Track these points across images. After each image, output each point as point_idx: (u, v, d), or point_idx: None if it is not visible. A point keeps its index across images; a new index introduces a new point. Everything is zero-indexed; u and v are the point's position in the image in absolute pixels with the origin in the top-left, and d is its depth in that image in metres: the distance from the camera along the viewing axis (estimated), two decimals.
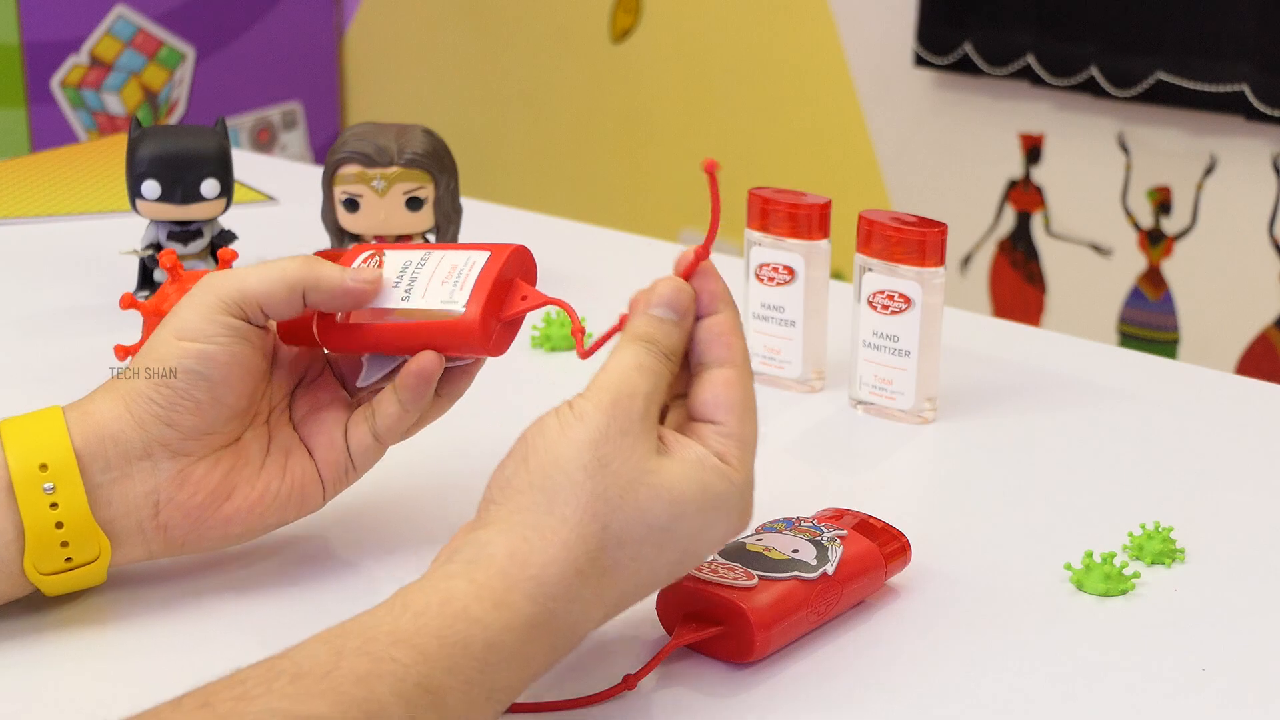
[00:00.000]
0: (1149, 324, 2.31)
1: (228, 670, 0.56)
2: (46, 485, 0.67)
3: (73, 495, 0.68)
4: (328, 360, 0.76)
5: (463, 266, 0.73)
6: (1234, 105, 2.11)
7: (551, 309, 1.08)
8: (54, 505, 0.68)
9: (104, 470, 0.69)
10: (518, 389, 0.98)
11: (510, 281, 0.73)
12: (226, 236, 1.09)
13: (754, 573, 0.69)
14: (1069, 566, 0.77)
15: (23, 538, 0.68)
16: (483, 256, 0.73)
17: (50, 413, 0.69)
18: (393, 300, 0.73)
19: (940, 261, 0.93)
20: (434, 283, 0.73)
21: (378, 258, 0.74)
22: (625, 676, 0.66)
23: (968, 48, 2.30)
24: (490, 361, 0.75)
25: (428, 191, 1.06)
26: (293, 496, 0.73)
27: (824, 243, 0.98)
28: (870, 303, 0.94)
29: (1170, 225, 2.26)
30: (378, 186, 1.05)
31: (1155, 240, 2.28)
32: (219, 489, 0.71)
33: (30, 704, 0.66)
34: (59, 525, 0.68)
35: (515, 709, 0.65)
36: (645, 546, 0.63)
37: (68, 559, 0.69)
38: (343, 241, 1.09)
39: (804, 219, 0.97)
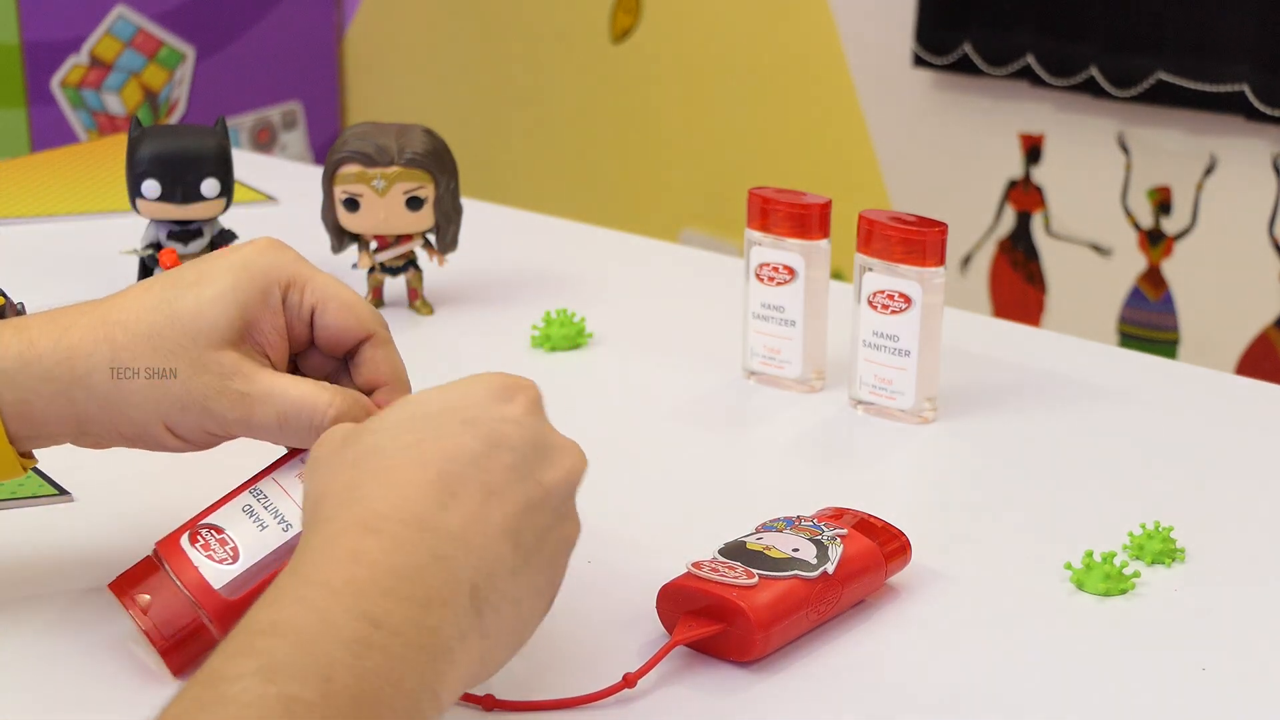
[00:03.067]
0: (1149, 324, 2.31)
1: None
2: None
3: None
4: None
5: (267, 491, 0.69)
6: (1234, 105, 2.11)
7: (552, 309, 1.08)
8: None
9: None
10: None
11: None
12: (226, 236, 1.09)
13: (754, 571, 0.69)
14: (1069, 566, 0.77)
15: None
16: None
17: None
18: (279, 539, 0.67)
19: (940, 261, 0.93)
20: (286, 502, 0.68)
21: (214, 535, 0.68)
22: (625, 675, 0.66)
23: (967, 48, 2.30)
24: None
25: (428, 191, 1.06)
26: None
27: (824, 243, 0.98)
28: (870, 302, 0.94)
29: (1170, 225, 2.26)
30: (378, 186, 1.05)
31: (1155, 240, 2.27)
32: None
33: None
34: None
35: (515, 708, 0.65)
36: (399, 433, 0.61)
37: None
38: (343, 241, 1.09)
39: (804, 219, 0.97)
